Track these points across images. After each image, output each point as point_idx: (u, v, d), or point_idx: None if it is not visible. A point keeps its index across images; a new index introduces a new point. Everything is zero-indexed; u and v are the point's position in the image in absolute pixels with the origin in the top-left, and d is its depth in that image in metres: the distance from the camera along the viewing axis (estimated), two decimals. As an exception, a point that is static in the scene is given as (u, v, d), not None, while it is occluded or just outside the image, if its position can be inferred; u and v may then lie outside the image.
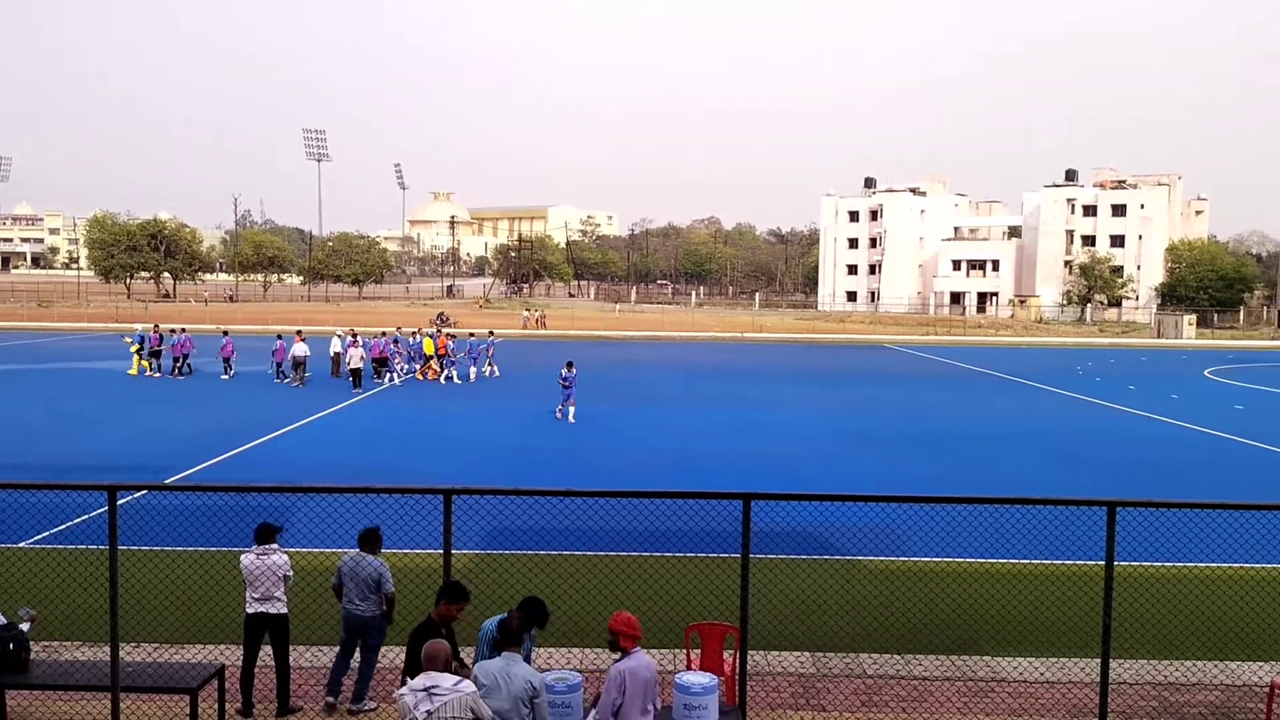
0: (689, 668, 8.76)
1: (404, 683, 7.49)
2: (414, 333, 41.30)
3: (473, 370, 37.62)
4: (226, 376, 36.11)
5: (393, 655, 9.38)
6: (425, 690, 6.12)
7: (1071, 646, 10.77)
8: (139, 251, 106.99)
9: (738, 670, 8.14)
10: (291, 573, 9.05)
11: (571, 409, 27.24)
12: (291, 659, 9.11)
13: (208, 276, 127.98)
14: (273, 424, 25.76)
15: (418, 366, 37.75)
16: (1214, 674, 10.24)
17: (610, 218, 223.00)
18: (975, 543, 13.91)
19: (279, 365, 36.09)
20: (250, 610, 8.96)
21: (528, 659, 8.00)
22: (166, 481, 18.12)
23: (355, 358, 34.00)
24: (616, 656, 7.10)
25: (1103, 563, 7.89)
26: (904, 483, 19.89)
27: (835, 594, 12.53)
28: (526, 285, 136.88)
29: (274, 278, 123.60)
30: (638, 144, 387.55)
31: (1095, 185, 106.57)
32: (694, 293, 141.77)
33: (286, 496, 15.52)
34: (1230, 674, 10.27)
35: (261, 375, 36.96)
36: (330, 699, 9.00)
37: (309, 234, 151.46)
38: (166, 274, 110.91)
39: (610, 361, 47.40)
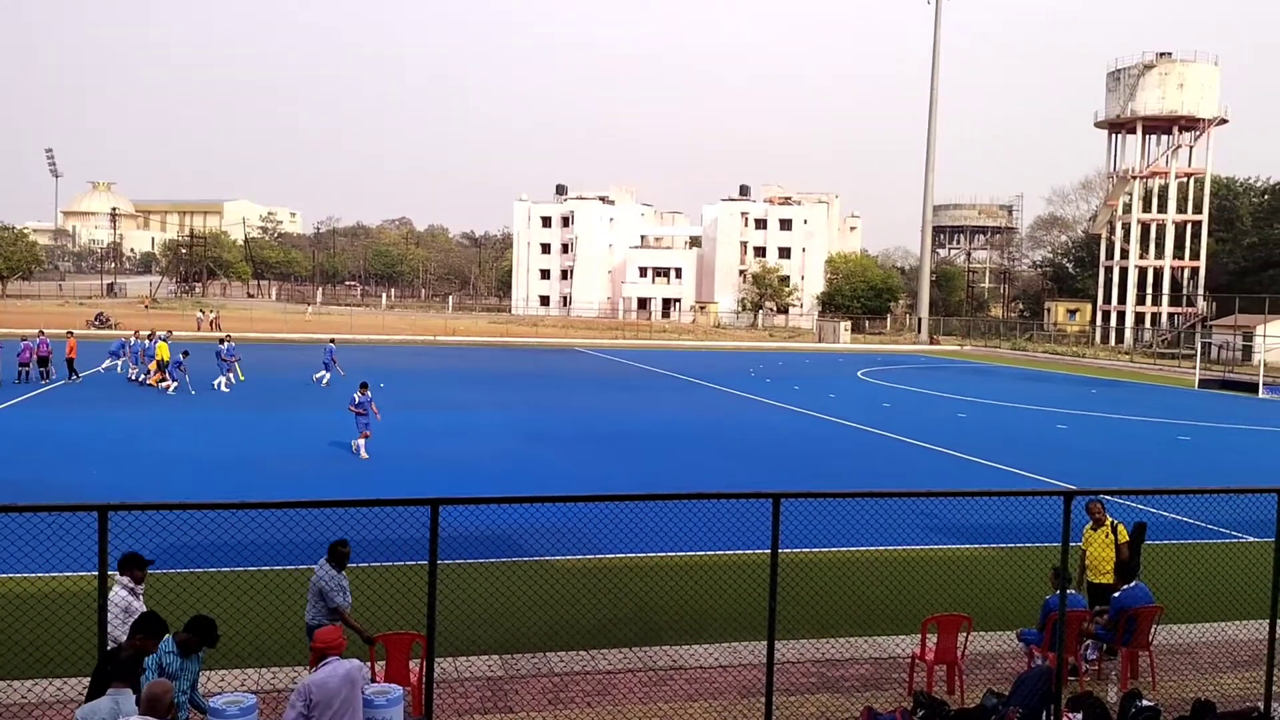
0: (373, 680, 8.55)
1: None
2: (148, 336, 37.94)
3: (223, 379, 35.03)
4: None
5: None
6: None
7: (742, 631, 11.50)
8: None
9: (424, 679, 8.03)
10: None
11: (363, 441, 22.56)
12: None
13: None
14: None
15: (155, 373, 35.21)
16: (865, 649, 11.29)
17: (294, 215, 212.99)
18: (656, 537, 14.53)
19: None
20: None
21: (194, 684, 7.53)
22: None
23: None
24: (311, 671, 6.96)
25: (769, 551, 8.49)
26: (591, 481, 20.42)
27: (524, 595, 12.66)
28: (199, 284, 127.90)
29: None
30: (323, 140, 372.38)
31: (766, 200, 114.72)
32: (384, 294, 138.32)
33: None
34: (878, 648, 11.37)
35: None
36: None
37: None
38: None
39: (293, 366, 45.27)
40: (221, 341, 36.46)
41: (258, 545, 12.95)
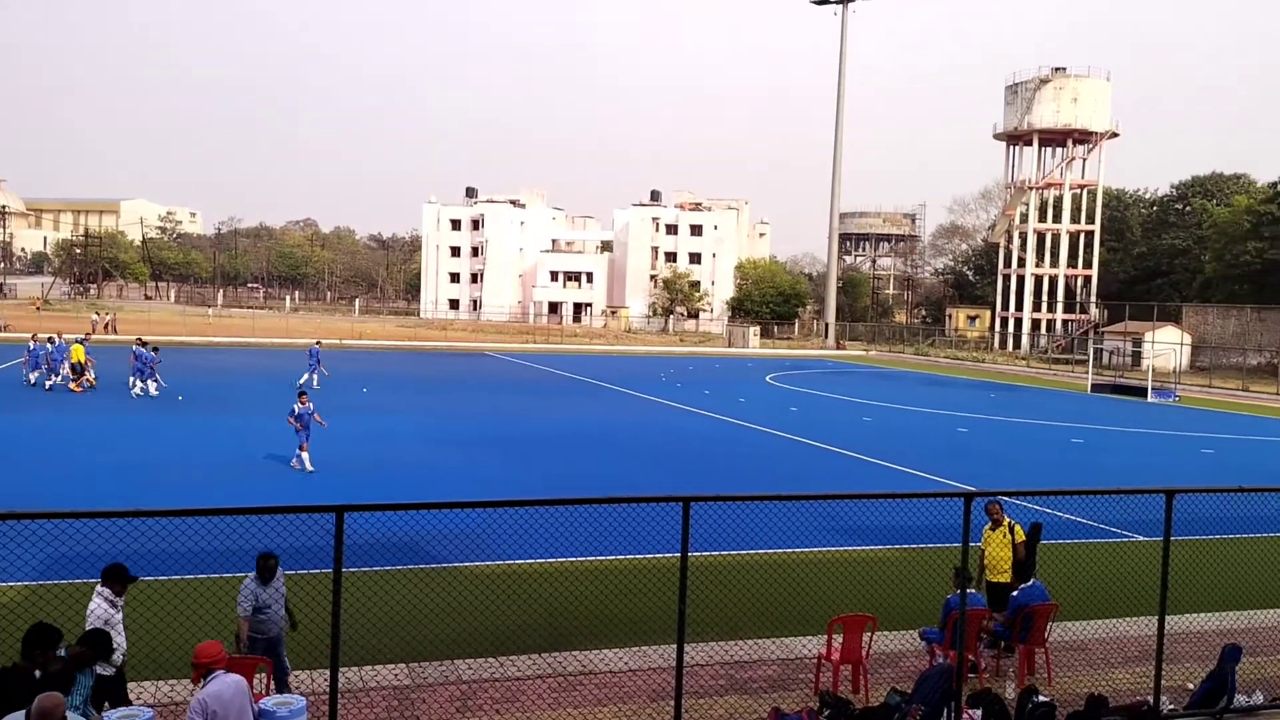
0: (269, 691, 8.38)
1: None
2: (49, 340, 36.36)
3: (141, 385, 33.71)
4: None
5: None
6: None
7: (651, 634, 11.53)
8: None
9: (329, 689, 7.86)
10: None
11: (305, 454, 21.35)
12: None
13: None
14: None
15: (72, 378, 34.17)
16: (772, 650, 11.42)
17: (194, 215, 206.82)
18: (565, 542, 14.48)
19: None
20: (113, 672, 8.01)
21: (88, 698, 7.28)
22: None
23: None
24: (200, 686, 6.77)
25: (678, 555, 8.53)
26: (500, 486, 20.27)
27: (431, 602, 12.47)
28: (95, 286, 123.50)
29: None
30: (225, 138, 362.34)
31: (677, 206, 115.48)
32: (288, 297, 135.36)
33: None
34: (785, 649, 11.52)
35: None
36: None
37: None
38: None
39: (193, 369, 44.00)
40: (143, 345, 35.27)
41: (154, 555, 12.54)
